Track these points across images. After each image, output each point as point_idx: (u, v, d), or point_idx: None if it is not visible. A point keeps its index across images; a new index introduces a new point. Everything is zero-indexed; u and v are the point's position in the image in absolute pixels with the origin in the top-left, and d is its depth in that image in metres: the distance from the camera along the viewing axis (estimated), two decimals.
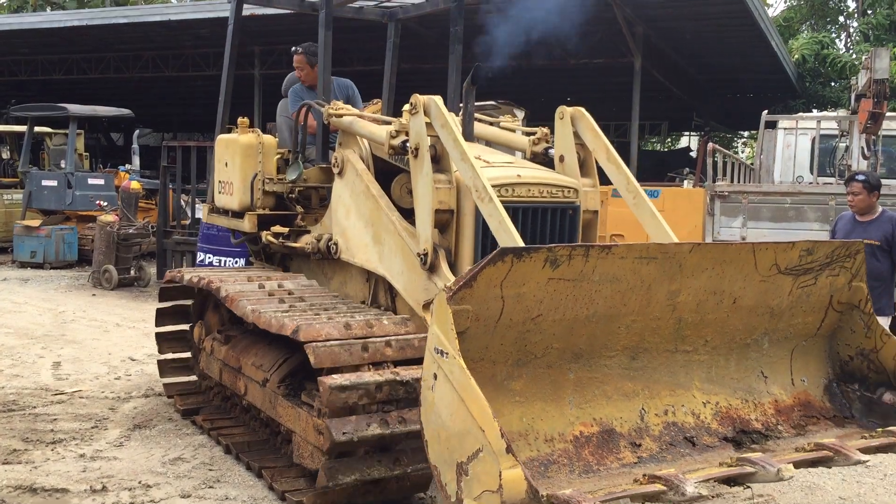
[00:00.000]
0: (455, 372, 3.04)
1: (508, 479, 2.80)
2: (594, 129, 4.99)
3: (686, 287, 3.78)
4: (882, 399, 4.12)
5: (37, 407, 6.08)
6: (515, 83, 21.77)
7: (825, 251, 4.10)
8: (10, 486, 4.53)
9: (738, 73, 22.24)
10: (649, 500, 3.05)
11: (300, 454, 4.42)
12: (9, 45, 22.01)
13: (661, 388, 3.89)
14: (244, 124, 6.04)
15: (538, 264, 3.29)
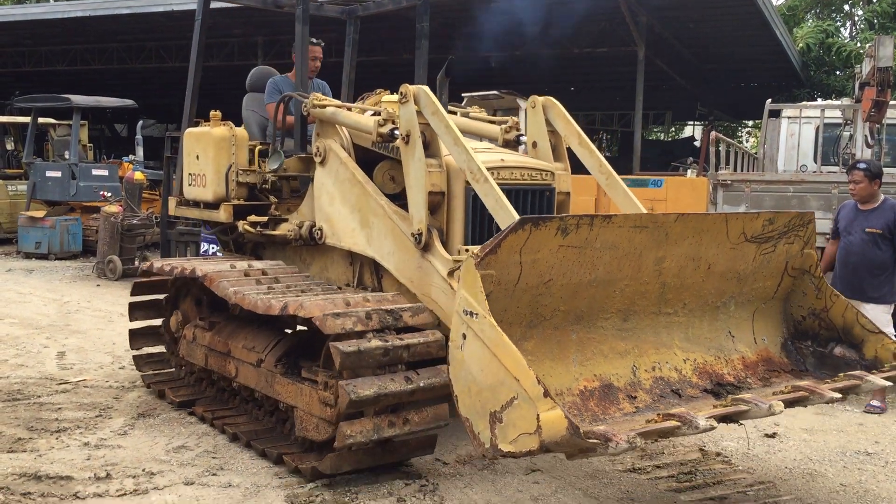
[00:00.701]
0: (486, 330, 3.36)
1: (548, 419, 3.13)
2: (565, 117, 5.39)
3: (670, 254, 4.21)
4: (833, 353, 4.69)
5: (41, 396, 6.12)
6: (519, 72, 21.76)
7: (783, 220, 4.59)
8: (16, 474, 4.56)
9: (743, 62, 22.15)
10: (668, 434, 3.49)
11: (303, 427, 4.66)
12: (12, 37, 22.01)
13: (648, 346, 4.32)
14: (216, 117, 6.19)
15: (551, 232, 3.65)
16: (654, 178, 13.86)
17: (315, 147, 5.55)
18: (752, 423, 5.87)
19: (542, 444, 3.16)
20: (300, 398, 4.71)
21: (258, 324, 5.35)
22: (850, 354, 4.67)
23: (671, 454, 5.18)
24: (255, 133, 6.50)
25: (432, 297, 4.76)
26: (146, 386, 6.33)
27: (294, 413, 4.80)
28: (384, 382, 4.26)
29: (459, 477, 4.70)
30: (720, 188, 7.60)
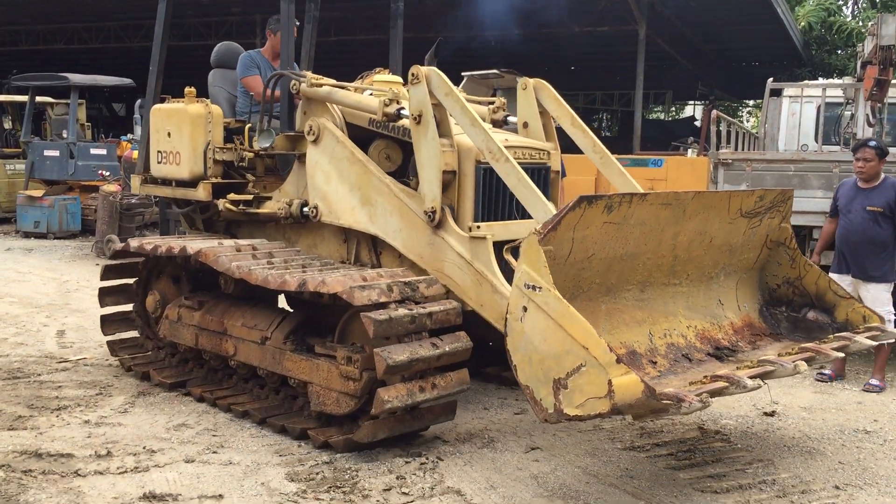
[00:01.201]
0: (551, 302, 3.60)
1: (622, 384, 3.39)
2: (557, 98, 5.63)
3: (684, 229, 4.55)
4: (806, 317, 5.16)
5: (42, 374, 6.12)
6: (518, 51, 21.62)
7: (770, 197, 4.98)
8: (17, 452, 4.57)
9: (744, 42, 22.03)
10: (720, 393, 3.84)
11: (321, 402, 4.79)
12: (9, 15, 21.86)
13: (659, 315, 4.66)
14: (191, 94, 6.13)
15: (600, 210, 3.92)
16: (655, 158, 13.83)
17: (307, 126, 5.51)
18: (750, 401, 5.91)
19: (614, 407, 3.41)
20: (316, 374, 4.80)
21: (254, 302, 5.41)
22: (822, 318, 5.11)
23: (670, 432, 5.20)
24: (225, 110, 6.43)
25: (445, 272, 4.89)
26: (126, 370, 6.26)
27: (309, 389, 4.86)
28: (415, 348, 4.43)
29: (459, 455, 4.71)
30: (721, 167, 7.57)
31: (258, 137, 5.81)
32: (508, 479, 4.40)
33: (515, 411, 5.53)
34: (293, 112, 5.80)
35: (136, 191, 6.90)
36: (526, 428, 5.20)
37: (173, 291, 6.03)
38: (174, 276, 6.06)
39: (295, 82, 5.61)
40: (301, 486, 4.21)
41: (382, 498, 4.10)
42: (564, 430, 5.19)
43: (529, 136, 5.67)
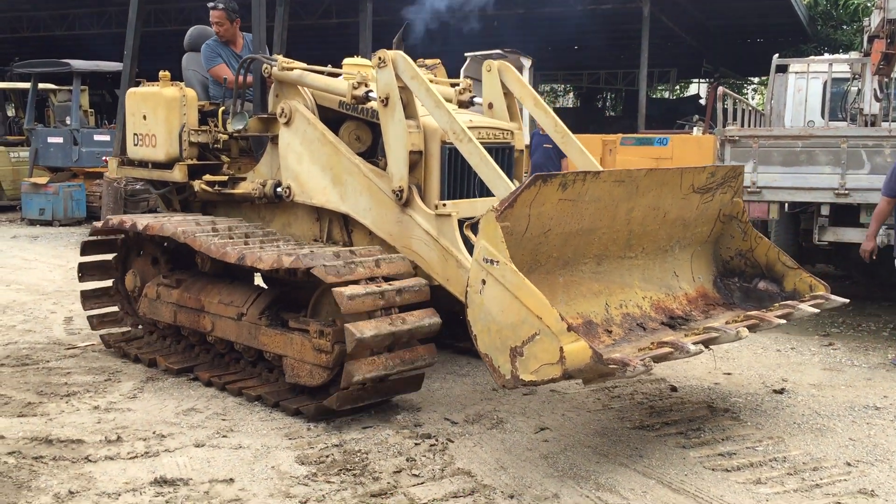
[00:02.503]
0: (507, 275, 3.80)
1: (573, 350, 3.62)
2: (519, 80, 5.86)
3: (638, 205, 4.75)
4: (757, 287, 5.41)
5: (50, 361, 6.13)
6: (521, 31, 21.50)
7: (722, 173, 5.23)
8: (27, 438, 4.58)
9: (749, 18, 21.84)
10: (665, 359, 4.12)
11: (295, 374, 4.99)
12: (10, 2, 21.80)
13: (615, 287, 4.91)
14: (166, 77, 6.30)
15: (555, 187, 4.11)
16: (660, 137, 13.77)
17: (279, 108, 5.69)
18: (760, 379, 5.90)
19: (565, 372, 3.64)
20: (290, 347, 5.00)
21: (230, 279, 5.65)
22: (772, 288, 5.38)
23: (679, 411, 5.19)
24: (199, 92, 6.53)
25: (413, 248, 5.13)
26: (105, 346, 6.41)
27: (284, 361, 5.06)
28: (383, 324, 4.62)
29: (469, 436, 4.71)
30: (728, 144, 7.51)
31: (231, 120, 5.96)
32: (518, 459, 4.40)
33: (524, 392, 5.51)
34: (265, 95, 5.96)
35: (112, 173, 7.05)
36: (535, 408, 5.20)
37: (153, 271, 6.21)
38: (153, 255, 6.24)
39: (267, 66, 5.77)
40: (311, 469, 4.21)
41: (393, 480, 4.10)
42: (573, 410, 5.18)
43: (494, 116, 5.87)
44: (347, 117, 5.61)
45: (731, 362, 6.40)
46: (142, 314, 6.13)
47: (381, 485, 4.05)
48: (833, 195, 7.23)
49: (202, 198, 6.31)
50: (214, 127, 6.23)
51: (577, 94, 37.03)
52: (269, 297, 5.36)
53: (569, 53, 28.62)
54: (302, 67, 5.75)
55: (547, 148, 10.80)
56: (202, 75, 6.76)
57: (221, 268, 5.54)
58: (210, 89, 6.72)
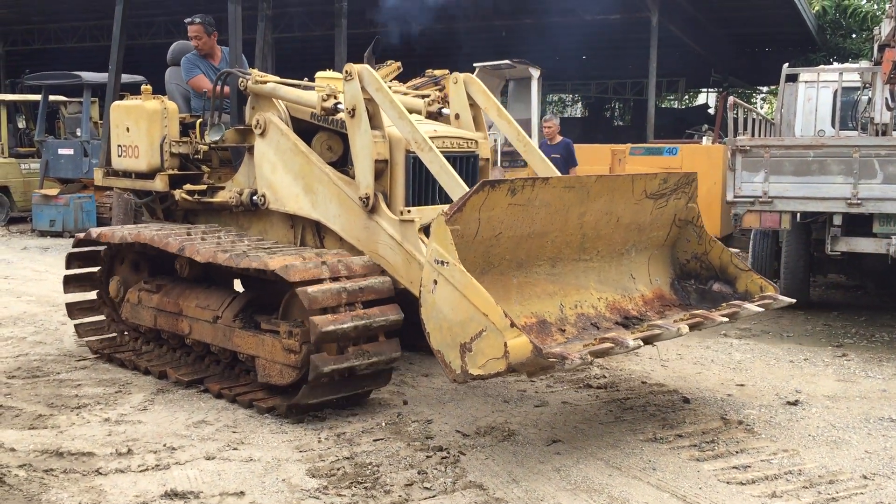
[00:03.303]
0: (456, 275, 4.04)
1: (515, 345, 3.84)
2: (484, 92, 6.09)
3: (590, 209, 4.98)
4: (712, 289, 5.65)
5: (61, 373, 6.13)
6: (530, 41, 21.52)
7: (674, 180, 5.46)
8: (38, 451, 4.57)
9: (757, 27, 21.84)
10: (605, 353, 4.35)
11: (267, 374, 5.22)
12: (21, 14, 21.94)
13: (571, 288, 5.12)
14: (147, 91, 6.58)
15: (504, 192, 4.35)
16: (670, 146, 13.76)
17: (254, 120, 5.93)
18: (773, 391, 5.85)
19: (509, 366, 3.87)
20: (262, 348, 5.23)
21: (207, 284, 5.90)
22: (725, 289, 5.61)
23: (692, 423, 5.15)
24: (181, 105, 6.78)
25: (379, 253, 5.35)
26: (92, 352, 6.58)
27: (256, 362, 5.29)
28: (346, 318, 4.85)
29: (480, 448, 4.68)
30: (739, 154, 7.48)
31: (209, 131, 6.21)
32: (531, 472, 4.36)
33: (535, 403, 5.49)
34: (242, 107, 6.17)
35: (98, 183, 7.22)
36: (546, 420, 5.17)
37: (135, 277, 6.47)
38: (134, 262, 6.52)
39: (242, 79, 6.00)
40: (322, 482, 4.19)
41: (405, 493, 4.07)
42: (585, 422, 5.15)
43: (461, 126, 6.10)
44: (320, 128, 5.83)
45: (743, 373, 6.35)
46: (125, 319, 6.39)
47: (393, 498, 4.02)
48: (845, 205, 7.18)
49: (183, 206, 6.57)
50: (195, 138, 6.44)
51: (585, 103, 37.04)
52: (243, 300, 5.58)
53: (577, 63, 28.62)
54: (275, 80, 5.98)
55: (555, 158, 10.78)
56: (184, 88, 6.99)
57: (199, 273, 5.83)
58: (191, 102, 6.93)
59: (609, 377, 6.10)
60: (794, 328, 7.97)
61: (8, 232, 15.46)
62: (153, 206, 6.86)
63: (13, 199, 16.62)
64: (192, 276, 5.87)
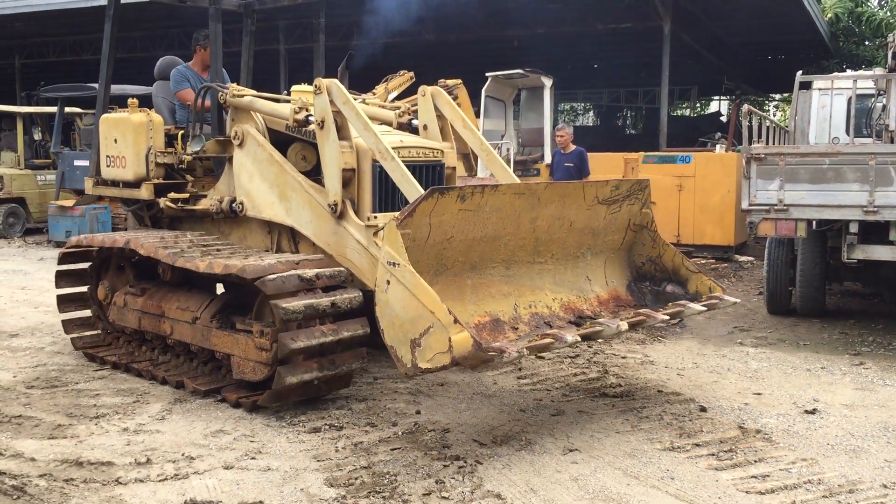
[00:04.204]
0: (406, 276, 4.27)
1: (458, 340, 4.09)
2: (450, 104, 6.40)
3: (541, 215, 5.24)
4: (666, 290, 5.93)
5: (79, 383, 6.17)
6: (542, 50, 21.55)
7: (626, 187, 5.73)
8: (58, 461, 4.60)
9: (770, 35, 21.77)
10: (546, 349, 4.67)
11: (241, 371, 5.50)
12: (37, 27, 22.13)
13: (526, 289, 5.38)
14: (134, 104, 6.87)
15: (453, 199, 4.62)
16: (683, 155, 13.73)
17: (233, 131, 6.23)
18: (791, 399, 5.82)
19: (453, 359, 4.10)
20: (236, 347, 5.51)
21: (188, 287, 6.16)
22: (678, 290, 5.87)
23: (710, 432, 5.13)
24: (167, 118, 7.10)
25: (347, 256, 5.64)
26: (75, 349, 6.92)
27: (232, 360, 5.57)
28: (315, 334, 5.11)
29: (497, 458, 4.68)
30: (753, 162, 7.46)
31: (190, 142, 6.55)
32: (548, 481, 4.36)
33: (551, 412, 5.48)
34: (222, 119, 6.45)
35: (88, 191, 7.55)
36: (563, 429, 5.16)
37: (121, 281, 6.76)
38: (120, 267, 6.83)
39: (221, 93, 6.29)
40: (340, 492, 4.20)
41: (423, 503, 4.08)
42: (602, 431, 5.14)
43: (429, 137, 6.38)
44: (294, 139, 6.11)
45: (760, 382, 6.33)
46: (111, 321, 6.71)
47: None
48: (862, 212, 7.15)
49: (168, 214, 6.88)
50: (180, 149, 6.77)
51: (596, 112, 37.02)
52: (220, 302, 5.87)
53: (588, 72, 28.63)
54: (252, 94, 6.30)
55: (568, 167, 10.80)
56: (170, 101, 7.28)
57: (181, 277, 6.10)
58: (177, 114, 7.21)
59: (625, 386, 6.09)
60: (811, 336, 7.93)
61: (24, 243, 15.57)
62: (141, 213, 7.19)
63: (29, 211, 16.74)
64: (175, 281, 6.16)
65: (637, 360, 6.95)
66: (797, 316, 8.70)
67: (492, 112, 14.03)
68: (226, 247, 6.19)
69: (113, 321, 6.70)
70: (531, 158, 13.81)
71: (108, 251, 6.70)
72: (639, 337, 7.75)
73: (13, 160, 17.02)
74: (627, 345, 7.49)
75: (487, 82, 13.79)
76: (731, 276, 11.54)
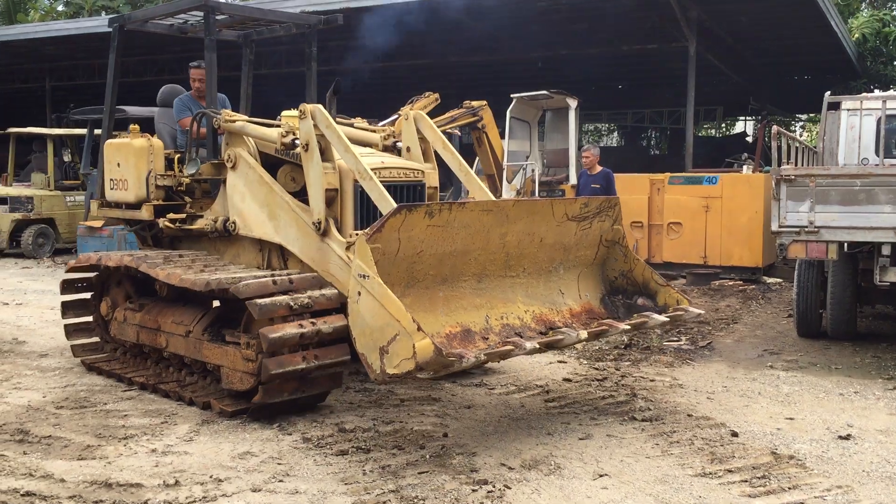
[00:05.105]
0: (375, 287, 4.56)
1: (421, 346, 4.35)
2: (432, 127, 6.66)
3: (511, 230, 5.49)
4: (637, 303, 6.15)
5: (108, 403, 6.20)
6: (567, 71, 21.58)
7: (596, 204, 5.99)
8: (87, 482, 4.61)
9: (796, 55, 21.67)
10: (505, 355, 5.01)
11: (230, 381, 5.80)
12: (67, 51, 22.48)
13: (497, 301, 5.62)
14: (136, 130, 7.20)
15: (421, 215, 4.92)
16: (709, 175, 13.65)
17: (227, 154, 6.56)
18: (824, 424, 5.72)
19: (417, 365, 4.34)
20: (226, 358, 5.81)
21: (183, 302, 6.44)
22: (648, 303, 6.11)
23: (742, 457, 5.05)
24: (168, 142, 7.46)
25: (331, 272, 5.89)
26: (81, 363, 7.28)
27: (221, 371, 5.85)
28: (293, 327, 5.40)
29: (526, 482, 4.63)
30: (783, 184, 7.39)
31: (186, 166, 6.89)
32: None
33: (580, 436, 5.43)
34: (216, 143, 6.78)
35: (93, 213, 7.91)
36: (592, 453, 5.10)
37: (122, 297, 7.10)
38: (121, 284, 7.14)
39: (215, 119, 6.61)
40: None
41: None
42: (632, 455, 5.08)
43: (411, 158, 6.66)
44: (284, 161, 6.41)
45: (792, 407, 6.23)
46: (113, 335, 7.06)
47: None
48: (894, 234, 7.05)
49: (168, 233, 7.15)
50: (179, 172, 7.08)
51: (621, 132, 36.96)
52: (212, 316, 6.17)
53: (614, 93, 28.61)
54: (244, 119, 6.63)
55: (595, 188, 10.76)
56: (171, 127, 7.63)
57: (177, 293, 6.39)
58: (177, 139, 7.53)
59: (654, 409, 6.02)
60: (843, 360, 7.81)
61: (53, 263, 15.74)
62: (143, 233, 7.51)
63: (58, 232, 16.93)
64: (171, 297, 6.51)
65: (666, 383, 6.87)
66: (828, 339, 8.57)
67: (517, 133, 14.02)
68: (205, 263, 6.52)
69: (114, 335, 7.05)
70: (556, 179, 13.78)
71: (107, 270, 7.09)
72: (667, 360, 7.67)
73: (43, 181, 17.25)
74: (656, 367, 7.41)
75: (512, 103, 13.80)
76: (759, 298, 11.41)
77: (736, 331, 9.19)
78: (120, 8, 32.16)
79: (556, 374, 7.10)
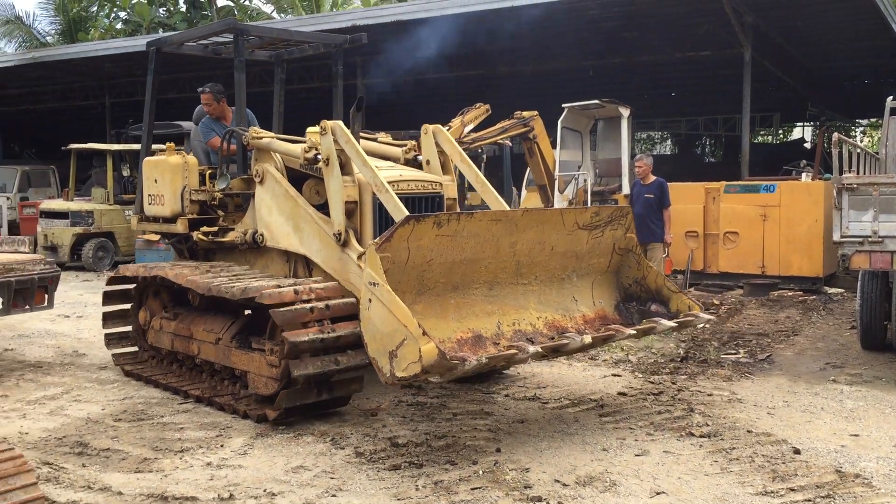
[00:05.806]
0: (384, 294, 4.73)
1: (426, 350, 4.52)
2: (450, 141, 6.85)
3: (521, 239, 5.64)
4: (651, 309, 6.27)
5: (164, 416, 6.28)
6: (619, 80, 21.41)
7: (607, 213, 6.11)
8: (143, 495, 4.67)
9: (855, 59, 21.17)
10: (509, 360, 5.13)
11: (255, 386, 6.07)
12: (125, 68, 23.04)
13: (510, 308, 5.74)
14: (171, 148, 7.53)
15: (430, 225, 5.09)
16: (767, 184, 13.36)
17: (255, 170, 6.85)
18: (891, 441, 5.54)
19: (423, 368, 4.52)
20: (252, 364, 6.09)
21: (214, 311, 6.72)
22: (661, 309, 6.23)
23: (805, 475, 4.90)
24: (202, 159, 7.74)
25: (351, 281, 6.08)
26: (118, 366, 7.63)
27: (248, 376, 6.14)
28: (314, 332, 5.60)
29: (580, 499, 4.55)
30: (845, 192, 7.18)
31: (216, 181, 7.19)
32: None
33: (636, 452, 5.32)
34: (246, 160, 7.05)
35: (133, 227, 8.27)
36: (648, 470, 5.00)
37: (159, 307, 7.41)
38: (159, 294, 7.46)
39: (243, 136, 6.90)
40: None
41: None
42: (689, 473, 4.96)
43: (431, 171, 6.83)
44: (309, 176, 6.65)
45: (857, 423, 6.03)
46: (150, 343, 7.40)
47: None
48: None
49: (202, 246, 7.43)
50: (212, 187, 7.33)
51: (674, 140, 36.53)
52: (240, 323, 6.43)
53: (666, 100, 28.29)
54: (270, 136, 6.90)
55: (648, 198, 10.61)
56: (204, 144, 7.87)
57: (209, 302, 6.65)
58: (211, 156, 7.79)
59: (712, 425, 5.88)
60: None
61: None
62: (179, 246, 7.80)
63: (118, 245, 17.32)
64: (203, 306, 6.78)
65: (724, 397, 6.72)
66: (893, 352, 8.30)
67: (568, 143, 13.93)
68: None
69: (151, 343, 7.38)
70: (608, 189, 13.65)
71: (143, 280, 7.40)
72: (725, 373, 7.50)
73: (103, 196, 17.67)
74: (713, 381, 7.25)
75: (564, 113, 13.71)
76: (820, 309, 11.12)
77: (796, 343, 8.96)
78: (177, 25, 32.90)
79: (610, 388, 7.00)
